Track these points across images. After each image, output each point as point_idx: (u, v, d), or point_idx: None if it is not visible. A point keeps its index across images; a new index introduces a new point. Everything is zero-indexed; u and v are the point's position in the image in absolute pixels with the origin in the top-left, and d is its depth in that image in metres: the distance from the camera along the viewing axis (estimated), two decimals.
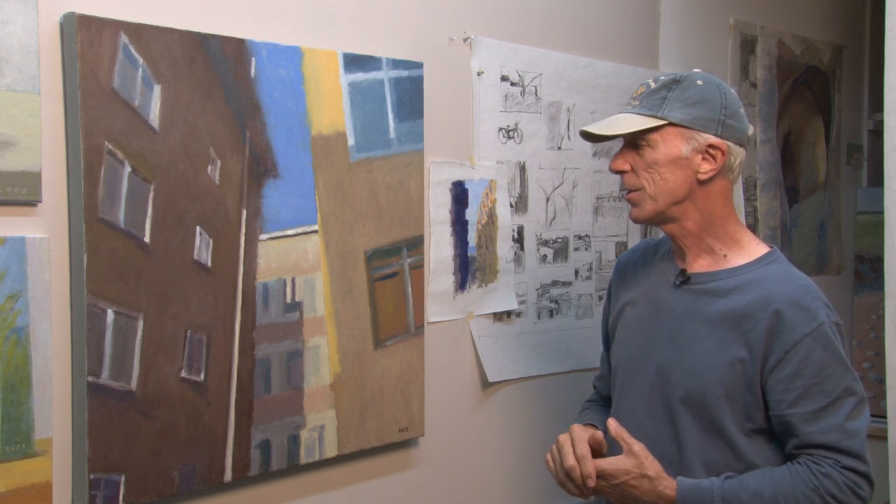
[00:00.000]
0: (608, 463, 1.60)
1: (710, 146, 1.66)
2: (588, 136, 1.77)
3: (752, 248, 1.73)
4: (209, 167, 1.69)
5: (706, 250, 1.73)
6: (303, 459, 1.86)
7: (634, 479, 1.57)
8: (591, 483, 1.59)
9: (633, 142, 1.69)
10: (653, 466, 1.60)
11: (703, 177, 1.67)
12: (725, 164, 1.67)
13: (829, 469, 1.58)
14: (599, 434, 1.70)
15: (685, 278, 1.73)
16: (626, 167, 1.71)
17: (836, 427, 1.59)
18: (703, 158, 1.67)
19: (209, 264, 1.69)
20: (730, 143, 1.67)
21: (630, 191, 1.71)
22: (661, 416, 1.70)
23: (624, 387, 1.77)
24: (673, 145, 1.66)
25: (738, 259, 1.71)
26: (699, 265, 1.74)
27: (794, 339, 1.60)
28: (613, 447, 1.67)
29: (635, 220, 1.74)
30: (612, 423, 1.63)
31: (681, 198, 1.68)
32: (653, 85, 1.70)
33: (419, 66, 2.04)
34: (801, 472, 1.59)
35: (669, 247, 1.81)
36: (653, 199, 1.68)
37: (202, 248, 1.68)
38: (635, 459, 1.59)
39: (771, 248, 1.74)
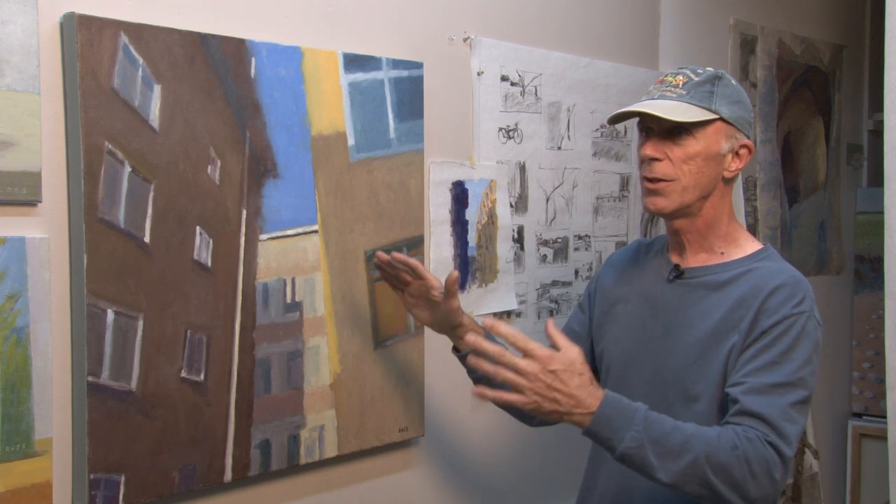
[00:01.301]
0: (549, 350, 1.47)
1: (742, 146, 1.68)
2: (617, 118, 1.72)
3: (748, 245, 1.74)
4: (209, 167, 1.69)
5: (706, 247, 1.73)
6: (303, 459, 1.86)
7: (569, 373, 1.46)
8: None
9: (673, 130, 1.65)
10: (591, 373, 1.51)
11: (728, 175, 1.69)
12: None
13: (755, 437, 1.52)
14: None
15: (679, 273, 1.74)
16: (661, 155, 1.66)
17: (779, 406, 1.55)
18: (734, 157, 1.68)
19: (209, 264, 1.69)
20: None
21: (655, 179, 1.66)
22: (658, 410, 1.69)
23: (619, 383, 1.76)
24: (715, 140, 1.66)
25: (733, 254, 1.72)
26: (695, 260, 1.74)
27: (775, 319, 1.60)
28: None
29: (657, 210, 1.68)
30: (551, 325, 1.52)
31: (707, 193, 1.68)
32: (694, 77, 1.68)
33: (419, 66, 2.04)
34: (727, 432, 1.53)
35: (663, 244, 1.82)
36: (685, 191, 1.66)
37: (202, 248, 1.68)
38: (575, 359, 1.48)
39: (764, 245, 1.75)
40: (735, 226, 1.75)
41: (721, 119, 1.65)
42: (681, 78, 1.68)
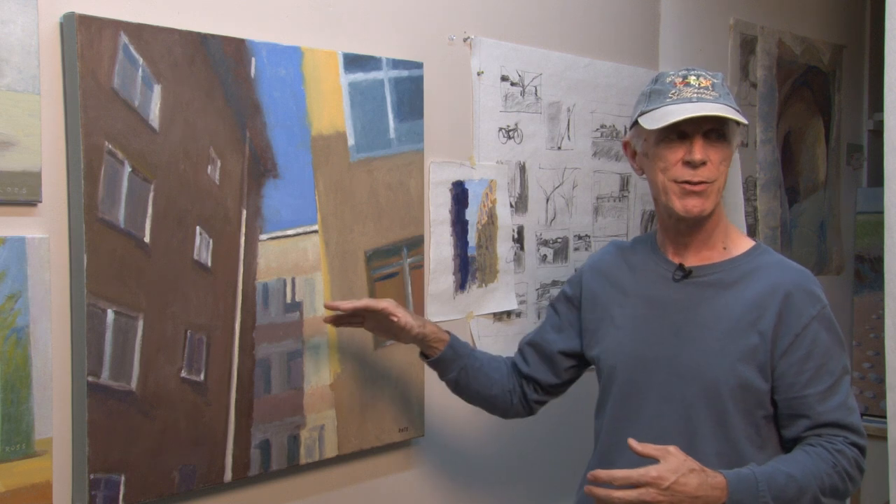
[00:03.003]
0: (654, 469, 1.52)
1: (737, 145, 1.74)
2: (674, 121, 1.66)
3: (742, 241, 1.77)
4: (209, 167, 1.69)
5: (710, 245, 1.74)
6: (303, 459, 1.86)
7: (684, 476, 1.51)
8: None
9: (711, 133, 1.65)
10: (694, 461, 1.56)
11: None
12: None
13: (842, 446, 1.64)
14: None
15: (686, 272, 1.73)
16: (707, 159, 1.65)
17: (841, 405, 1.66)
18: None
19: (209, 264, 1.69)
20: None
21: (699, 182, 1.65)
22: (673, 411, 1.70)
23: (629, 386, 1.75)
24: (736, 141, 1.71)
25: (734, 251, 1.74)
26: (698, 258, 1.75)
27: (803, 322, 1.66)
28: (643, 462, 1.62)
29: (700, 213, 1.67)
30: (635, 444, 1.56)
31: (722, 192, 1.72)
32: (714, 79, 1.68)
33: (419, 66, 2.04)
34: (820, 453, 1.63)
35: (650, 244, 1.82)
36: (719, 191, 1.68)
37: (202, 248, 1.68)
38: (677, 458, 1.54)
39: (753, 239, 1.80)
40: (727, 220, 1.79)
41: (740, 122, 1.67)
42: (703, 80, 1.67)
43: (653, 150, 1.69)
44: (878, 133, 3.65)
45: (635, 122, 1.73)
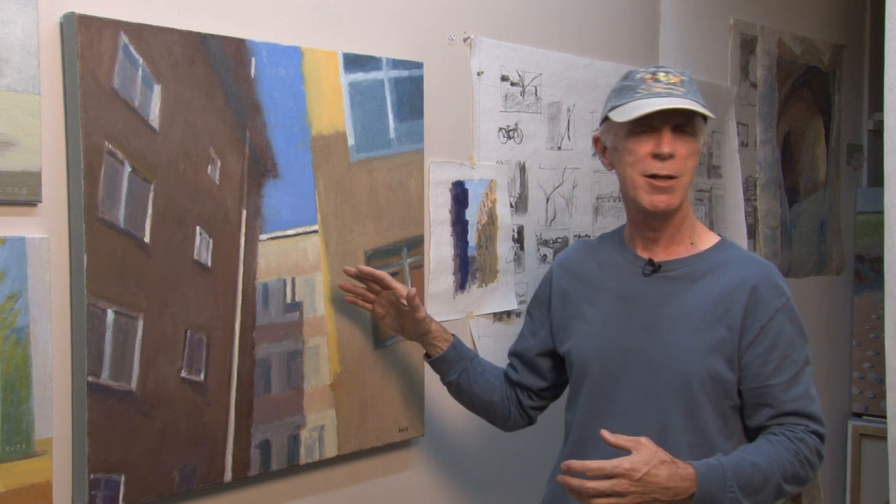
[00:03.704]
0: (627, 461, 1.55)
1: (704, 142, 1.77)
2: (641, 115, 1.69)
3: (708, 236, 1.81)
4: (209, 167, 1.69)
5: (678, 240, 1.78)
6: (303, 459, 1.86)
7: (655, 467, 1.54)
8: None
9: (679, 128, 1.69)
10: (665, 452, 1.58)
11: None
12: None
13: (803, 435, 1.68)
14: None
15: (655, 267, 1.77)
16: (675, 152, 1.68)
17: (803, 394, 1.70)
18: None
19: (209, 264, 1.69)
20: None
21: (668, 177, 1.68)
22: (645, 403, 1.72)
23: (601, 379, 1.77)
24: (703, 137, 1.74)
25: (701, 246, 1.78)
26: (666, 253, 1.78)
27: (769, 314, 1.70)
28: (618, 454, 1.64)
29: (667, 207, 1.70)
30: (608, 435, 1.58)
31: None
32: (682, 76, 1.72)
33: (419, 66, 2.04)
34: (782, 442, 1.67)
35: (618, 240, 1.85)
36: (685, 186, 1.72)
37: (202, 248, 1.68)
38: (648, 449, 1.56)
39: (718, 234, 1.83)
40: (693, 217, 1.82)
41: (706, 118, 1.73)
42: (672, 77, 1.71)
43: (622, 144, 1.72)
44: (878, 133, 3.65)
45: (606, 118, 1.76)
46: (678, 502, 1.57)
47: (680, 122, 1.68)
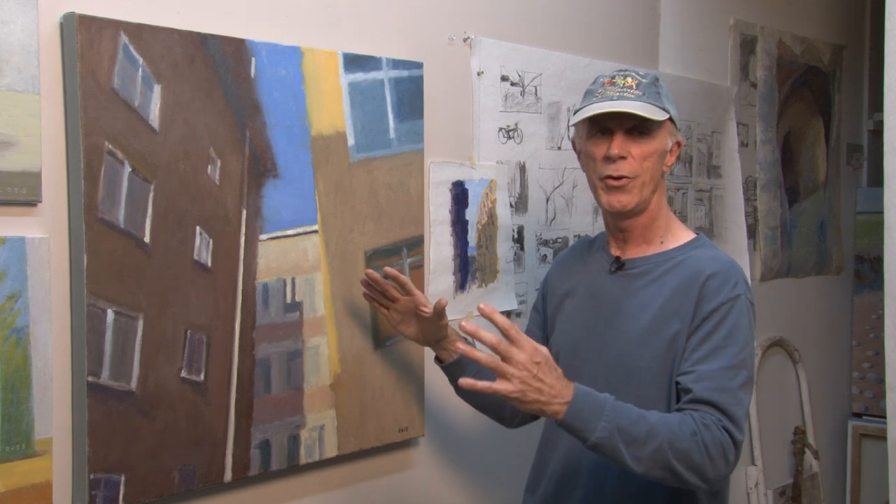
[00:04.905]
0: (531, 343, 1.53)
1: (677, 142, 1.80)
2: (584, 117, 1.74)
3: (682, 235, 1.83)
4: (209, 167, 1.69)
5: (647, 239, 1.81)
6: (303, 459, 1.86)
7: (549, 366, 1.53)
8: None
9: (634, 130, 1.73)
10: (559, 369, 1.57)
11: (666, 169, 1.80)
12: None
13: (711, 423, 1.60)
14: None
15: (620, 265, 1.81)
16: (626, 153, 1.73)
17: (728, 390, 1.65)
18: (671, 153, 1.79)
19: (209, 264, 1.69)
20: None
21: (621, 177, 1.72)
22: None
23: (568, 371, 1.78)
24: (664, 138, 1.76)
25: (670, 244, 1.81)
26: (635, 252, 1.81)
27: (714, 306, 1.70)
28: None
29: (622, 207, 1.74)
30: (484, 307, 1.55)
31: (655, 188, 1.77)
32: (642, 79, 1.76)
33: (419, 66, 2.04)
34: (685, 419, 1.60)
35: (605, 240, 1.89)
36: (644, 186, 1.74)
37: (202, 248, 1.68)
38: (549, 355, 1.55)
39: (697, 233, 1.84)
40: (671, 217, 1.84)
41: (669, 118, 1.76)
42: (630, 79, 1.75)
43: (584, 147, 1.79)
44: (878, 133, 3.65)
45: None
46: (554, 406, 1.53)
47: (634, 124, 1.72)
